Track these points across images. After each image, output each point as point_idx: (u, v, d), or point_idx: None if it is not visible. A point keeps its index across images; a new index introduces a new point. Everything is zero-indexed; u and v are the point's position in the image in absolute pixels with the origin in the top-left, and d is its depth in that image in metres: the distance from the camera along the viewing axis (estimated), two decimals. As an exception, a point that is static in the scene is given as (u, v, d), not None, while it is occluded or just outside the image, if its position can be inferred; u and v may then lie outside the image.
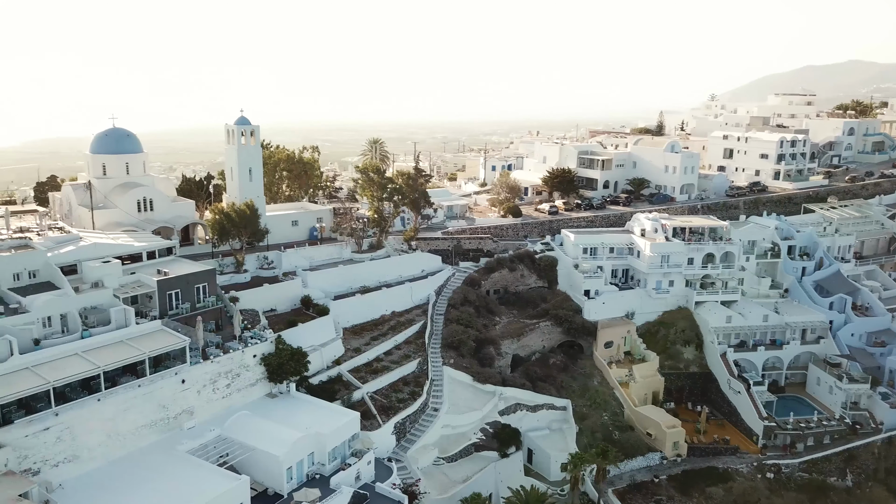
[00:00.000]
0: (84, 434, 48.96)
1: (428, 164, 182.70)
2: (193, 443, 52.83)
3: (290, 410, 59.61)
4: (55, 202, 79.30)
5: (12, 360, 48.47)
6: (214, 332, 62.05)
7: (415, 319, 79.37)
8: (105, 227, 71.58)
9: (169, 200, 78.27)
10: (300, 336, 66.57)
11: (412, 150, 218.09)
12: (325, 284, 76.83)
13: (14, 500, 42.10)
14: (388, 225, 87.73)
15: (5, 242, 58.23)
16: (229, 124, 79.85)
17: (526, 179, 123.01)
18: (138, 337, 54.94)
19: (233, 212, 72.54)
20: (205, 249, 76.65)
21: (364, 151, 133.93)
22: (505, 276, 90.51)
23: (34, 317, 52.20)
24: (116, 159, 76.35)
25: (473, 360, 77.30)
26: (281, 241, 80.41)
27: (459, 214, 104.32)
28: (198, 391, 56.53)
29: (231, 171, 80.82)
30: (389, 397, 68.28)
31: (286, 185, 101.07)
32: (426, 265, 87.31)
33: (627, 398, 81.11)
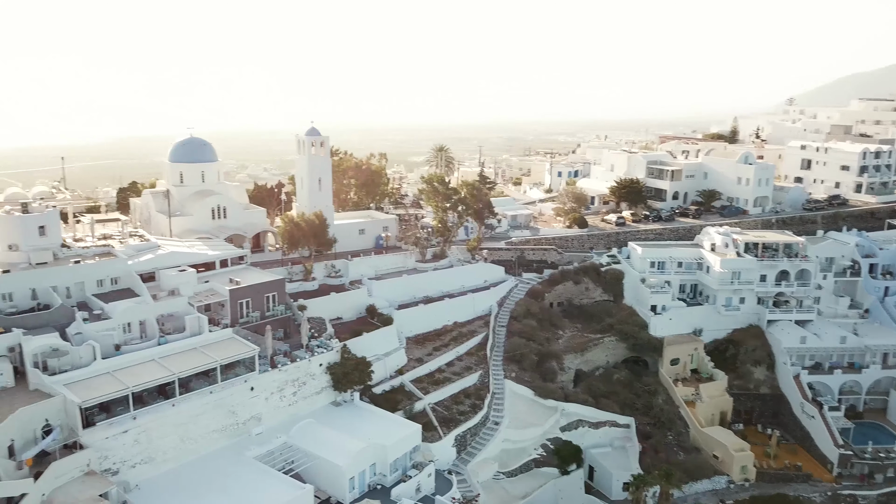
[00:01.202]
0: (159, 437, 51.10)
1: (493, 168, 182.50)
2: (261, 449, 54.51)
3: (354, 420, 60.71)
4: (136, 208, 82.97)
5: (95, 364, 51.06)
6: (282, 339, 63.60)
7: (477, 331, 79.49)
8: (181, 234, 74.49)
9: (241, 208, 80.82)
10: (365, 345, 67.66)
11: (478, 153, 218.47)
12: (389, 293, 77.83)
13: (95, 500, 44.38)
14: (452, 235, 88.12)
15: (90, 250, 61.35)
16: (300, 135, 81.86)
17: (592, 188, 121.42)
18: (211, 344, 57.00)
19: (302, 221, 74.37)
20: (275, 256, 78.82)
21: (429, 158, 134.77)
22: (569, 288, 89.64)
23: (115, 323, 54.81)
24: (193, 168, 79.40)
25: (535, 374, 76.88)
26: (348, 250, 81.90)
27: (523, 224, 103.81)
28: (265, 398, 58.19)
29: (301, 180, 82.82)
30: (450, 409, 68.60)
31: (354, 192, 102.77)
32: (489, 276, 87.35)
33: (693, 418, 79.08)
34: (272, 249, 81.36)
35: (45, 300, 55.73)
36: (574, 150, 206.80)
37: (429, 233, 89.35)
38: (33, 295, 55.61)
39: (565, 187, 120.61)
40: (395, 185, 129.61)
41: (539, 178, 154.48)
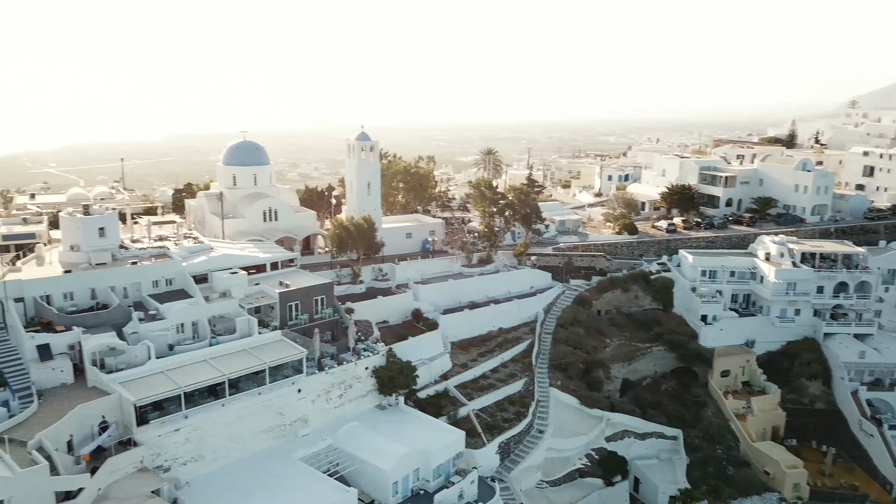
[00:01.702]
0: (209, 436, 52.26)
1: (541, 170, 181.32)
2: (306, 450, 55.38)
3: (398, 424, 61.03)
4: (190, 210, 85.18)
5: (150, 363, 52.57)
6: (330, 342, 64.44)
7: (522, 337, 79.11)
8: (233, 236, 76.16)
9: (292, 211, 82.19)
10: (410, 350, 67.94)
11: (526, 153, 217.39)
12: (435, 298, 78.11)
13: (147, 496, 45.72)
14: (499, 240, 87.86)
15: (146, 251, 63.27)
16: (350, 140, 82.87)
17: (643, 193, 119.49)
18: (260, 346, 58.04)
19: (351, 225, 75.21)
20: (324, 259, 79.93)
21: (477, 161, 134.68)
22: (617, 296, 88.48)
23: (170, 323, 56.32)
24: (245, 171, 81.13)
25: (581, 382, 76.10)
26: (395, 253, 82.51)
27: (572, 230, 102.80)
28: (312, 400, 58.98)
29: (351, 184, 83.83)
30: (495, 416, 68.50)
31: (402, 196, 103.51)
32: (535, 282, 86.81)
33: (744, 432, 77.09)
34: (321, 252, 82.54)
35: (103, 300, 57.67)
36: (625, 153, 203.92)
37: (475, 237, 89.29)
38: (92, 294, 57.58)
39: (615, 192, 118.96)
40: (443, 187, 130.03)
41: (588, 181, 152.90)
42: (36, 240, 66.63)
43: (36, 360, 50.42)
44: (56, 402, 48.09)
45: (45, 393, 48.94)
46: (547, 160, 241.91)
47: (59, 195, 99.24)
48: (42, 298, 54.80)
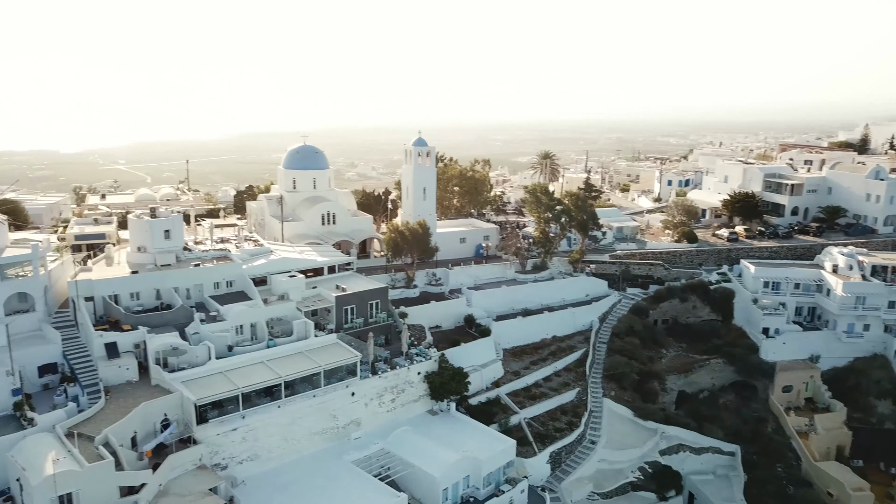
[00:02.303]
0: (265, 436, 53.56)
1: (600, 173, 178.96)
2: (358, 454, 56.09)
3: (449, 430, 61.20)
4: (251, 212, 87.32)
5: (210, 364, 54.19)
6: (383, 346, 65.09)
7: (576, 346, 78.32)
8: (292, 238, 77.75)
9: (349, 215, 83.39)
10: (462, 356, 68.19)
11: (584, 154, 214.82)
12: (488, 304, 78.03)
13: (205, 494, 47.13)
14: (554, 246, 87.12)
15: (209, 253, 65.18)
16: (407, 145, 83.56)
17: (704, 200, 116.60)
18: (316, 349, 59.11)
19: (406, 230, 75.84)
20: (379, 263, 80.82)
21: (534, 164, 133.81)
22: (675, 306, 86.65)
23: (229, 325, 57.92)
24: (305, 175, 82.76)
25: (635, 393, 74.95)
26: (449, 258, 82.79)
27: (629, 237, 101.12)
28: (365, 404, 59.75)
29: (407, 189, 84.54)
30: (546, 425, 68.02)
31: (457, 199, 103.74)
32: (591, 289, 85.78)
33: (806, 450, 74.39)
34: (377, 255, 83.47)
35: (167, 300, 59.74)
36: (686, 156, 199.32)
37: (530, 243, 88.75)
38: (157, 295, 59.70)
39: (675, 198, 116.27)
40: (498, 190, 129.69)
41: (648, 185, 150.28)
42: (106, 240, 69.40)
43: (104, 357, 52.59)
44: (121, 398, 50.09)
45: (112, 389, 50.99)
46: (605, 162, 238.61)
47: (127, 195, 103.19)
48: (110, 298, 57.09)
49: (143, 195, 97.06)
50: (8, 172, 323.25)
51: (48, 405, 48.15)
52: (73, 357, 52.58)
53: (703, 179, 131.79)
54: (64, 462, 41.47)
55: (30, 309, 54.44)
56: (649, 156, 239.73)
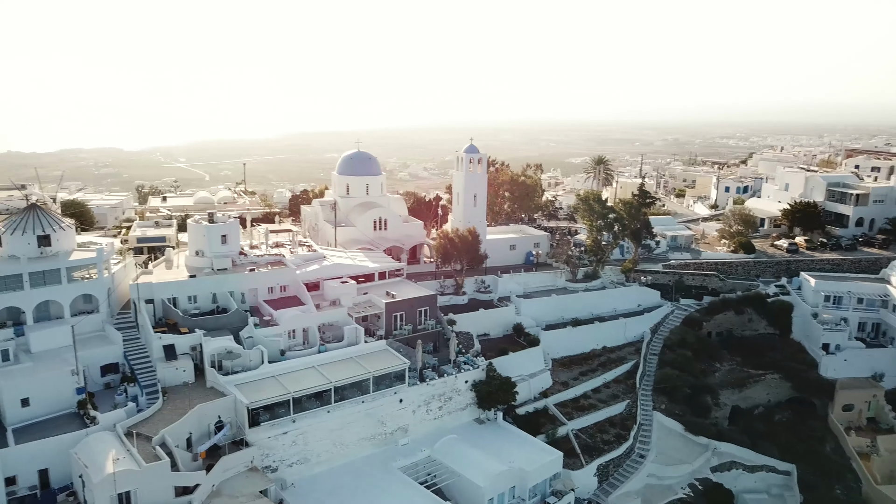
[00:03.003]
0: (314, 441, 54.52)
1: (654, 176, 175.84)
2: (405, 460, 56.61)
3: (496, 440, 61.16)
4: (305, 217, 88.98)
5: (262, 367, 55.49)
6: (431, 353, 65.50)
7: (626, 357, 77.26)
8: (344, 243, 78.91)
9: (400, 220, 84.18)
10: (510, 365, 67.97)
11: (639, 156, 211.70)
12: (537, 312, 77.62)
13: (256, 496, 48.27)
14: (606, 255, 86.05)
15: (264, 258, 66.69)
16: (459, 152, 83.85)
17: (762, 209, 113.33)
18: (365, 355, 59.87)
19: (456, 237, 76.06)
20: (429, 268, 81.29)
21: (587, 169, 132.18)
22: (730, 318, 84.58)
23: (282, 329, 59.21)
24: (358, 181, 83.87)
25: (687, 407, 73.44)
26: (498, 265, 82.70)
27: (684, 246, 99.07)
28: (413, 411, 60.20)
29: (458, 195, 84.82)
30: (594, 437, 67.31)
31: (507, 205, 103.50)
32: (643, 300, 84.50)
33: (867, 473, 71.62)
34: (427, 261, 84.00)
35: (223, 304, 61.37)
36: (745, 161, 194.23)
37: (581, 251, 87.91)
38: (213, 298, 61.40)
39: (732, 207, 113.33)
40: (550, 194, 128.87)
41: (704, 190, 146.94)
42: (166, 243, 71.70)
43: (162, 359, 54.38)
44: (178, 399, 51.71)
45: (169, 390, 52.68)
46: (660, 165, 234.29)
47: (187, 197, 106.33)
48: (169, 301, 59.01)
49: (201, 198, 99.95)
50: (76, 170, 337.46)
51: (109, 404, 50.05)
52: (133, 358, 54.59)
53: (763, 187, 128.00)
54: (123, 461, 43.02)
55: (94, 310, 56.73)
56: (706, 160, 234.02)
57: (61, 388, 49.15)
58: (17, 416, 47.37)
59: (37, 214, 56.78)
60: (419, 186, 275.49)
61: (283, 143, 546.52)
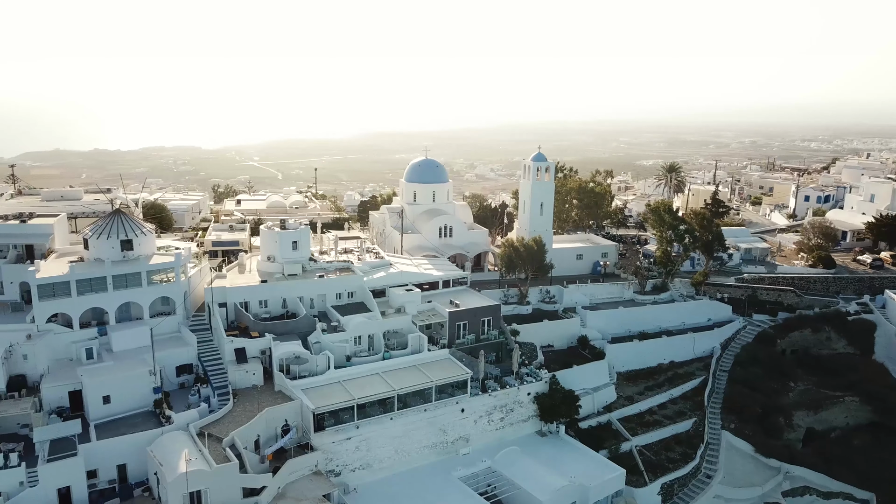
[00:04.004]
0: (377, 447, 55.38)
1: (729, 182, 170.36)
2: (466, 470, 56.90)
3: (557, 453, 60.69)
4: (373, 223, 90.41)
5: (328, 373, 56.75)
6: (494, 363, 65.45)
7: (694, 373, 75.30)
8: (410, 250, 79.76)
9: (466, 228, 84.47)
10: (574, 378, 67.28)
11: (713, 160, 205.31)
12: (602, 325, 76.53)
13: (319, 500, 49.41)
14: (676, 267, 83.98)
15: (332, 264, 68.13)
16: (526, 160, 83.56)
17: (844, 221, 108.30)
18: (428, 363, 60.41)
19: (521, 246, 75.72)
20: (493, 277, 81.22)
21: (659, 176, 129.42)
22: (806, 336, 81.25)
23: (349, 335, 60.39)
24: (425, 188, 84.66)
25: (758, 427, 71.13)
26: (564, 274, 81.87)
27: (758, 259, 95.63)
28: (474, 421, 60.37)
29: (524, 203, 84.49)
30: (659, 455, 65.90)
31: (575, 212, 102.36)
32: (713, 314, 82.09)
33: (953, 505, 67.78)
34: (491, 269, 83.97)
35: (292, 309, 63.04)
36: (827, 167, 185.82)
37: (650, 262, 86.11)
38: (283, 304, 63.15)
39: (812, 218, 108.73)
40: (620, 201, 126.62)
41: (782, 198, 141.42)
42: (239, 247, 74.12)
43: (233, 361, 56.26)
44: (247, 402, 53.44)
45: (239, 393, 54.48)
46: (736, 170, 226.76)
47: (260, 199, 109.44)
48: (241, 305, 61.06)
49: (274, 202, 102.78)
50: (157, 167, 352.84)
51: (183, 404, 52.17)
52: (206, 359, 56.73)
53: (846, 197, 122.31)
54: (195, 461, 44.81)
55: (171, 312, 59.21)
56: (785, 165, 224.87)
57: (140, 386, 51.53)
58: (99, 413, 49.93)
59: (121, 220, 59.70)
60: (485, 188, 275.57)
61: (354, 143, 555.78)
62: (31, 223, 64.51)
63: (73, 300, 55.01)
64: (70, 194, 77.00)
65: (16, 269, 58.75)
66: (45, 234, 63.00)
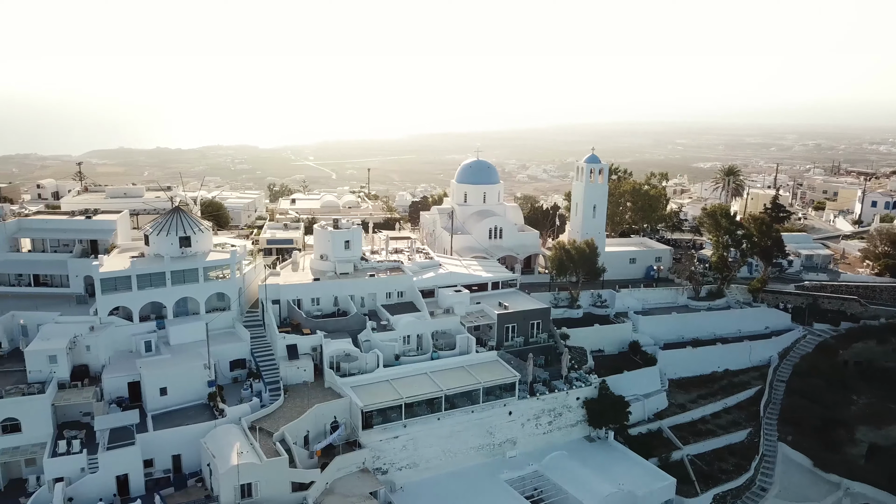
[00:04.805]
0: (424, 446, 55.70)
1: (791, 186, 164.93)
2: (512, 473, 56.74)
3: (605, 459, 59.89)
4: (424, 223, 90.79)
5: (377, 371, 57.33)
6: (542, 367, 64.93)
7: (750, 382, 73.24)
8: (460, 251, 79.80)
9: (516, 230, 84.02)
10: (624, 383, 66.33)
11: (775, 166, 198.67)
12: (655, 330, 75.13)
13: (366, 497, 49.88)
14: (733, 273, 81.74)
15: (383, 264, 68.73)
16: (579, 162, 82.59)
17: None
18: (476, 365, 60.40)
19: (573, 249, 74.90)
20: (543, 279, 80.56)
21: (716, 179, 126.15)
22: (871, 347, 77.96)
23: (398, 335, 60.85)
24: (476, 189, 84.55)
25: (816, 441, 68.48)
26: (616, 278, 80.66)
27: (820, 266, 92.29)
28: (522, 424, 60.10)
29: (576, 206, 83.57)
30: (711, 465, 64.32)
31: (628, 215, 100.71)
32: (771, 322, 79.66)
33: None
34: (542, 271, 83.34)
35: (343, 307, 63.87)
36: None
37: (706, 267, 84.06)
38: (335, 301, 64.04)
39: (879, 224, 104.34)
40: (675, 204, 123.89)
41: (847, 203, 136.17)
42: (293, 245, 75.44)
43: (285, 357, 57.38)
44: (297, 397, 54.35)
45: (290, 388, 55.44)
46: (798, 173, 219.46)
47: (314, 198, 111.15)
48: (294, 302, 62.12)
49: (328, 202, 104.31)
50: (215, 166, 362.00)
51: (236, 398, 53.37)
52: (259, 355, 57.94)
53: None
54: (247, 455, 45.78)
55: (226, 308, 60.69)
56: (851, 169, 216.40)
57: (195, 379, 52.98)
58: (156, 404, 51.51)
59: (180, 217, 61.49)
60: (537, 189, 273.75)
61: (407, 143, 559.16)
62: (96, 219, 67.16)
63: (134, 294, 56.96)
64: (133, 191, 79.81)
65: (81, 264, 61.27)
66: (108, 229, 65.51)
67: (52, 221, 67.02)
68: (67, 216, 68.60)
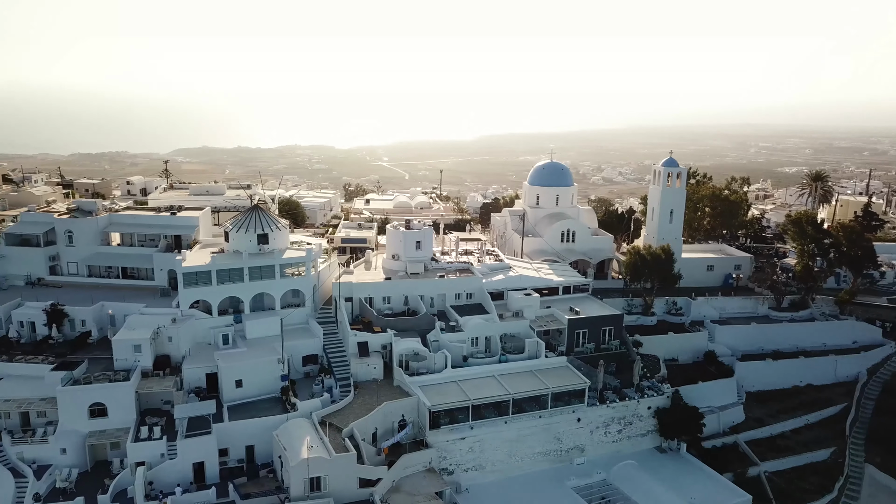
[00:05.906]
0: (490, 449, 55.53)
1: (884, 196, 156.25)
2: (579, 480, 55.87)
3: (677, 472, 58.21)
4: (495, 225, 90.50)
5: (445, 372, 57.49)
6: (613, 374, 63.62)
7: (835, 399, 69.83)
8: (531, 254, 79.17)
9: (589, 233, 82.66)
10: (698, 394, 64.43)
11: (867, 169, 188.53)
12: (732, 340, 72.76)
13: (431, 497, 50.08)
14: (819, 283, 77.95)
15: (453, 265, 68.90)
16: (657, 165, 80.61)
17: None
18: (545, 370, 59.72)
19: (648, 254, 73.14)
20: (616, 285, 79.07)
21: (802, 185, 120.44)
22: (971, 367, 72.98)
23: (466, 336, 60.85)
24: (548, 191, 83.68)
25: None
26: (693, 286, 78.36)
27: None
28: (590, 431, 59.13)
29: (653, 210, 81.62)
30: (791, 483, 61.70)
31: (707, 221, 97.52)
32: (859, 336, 75.70)
33: None
34: (615, 277, 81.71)
35: (413, 306, 64.34)
36: None
37: (789, 277, 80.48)
38: (405, 301, 64.58)
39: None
40: (757, 210, 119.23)
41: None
42: (367, 244, 76.56)
43: (356, 355, 58.28)
44: (367, 395, 55.13)
45: (359, 385, 56.26)
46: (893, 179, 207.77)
47: (387, 199, 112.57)
48: (366, 300, 63.02)
49: (400, 202, 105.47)
50: (293, 165, 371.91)
51: (307, 393, 54.53)
52: (330, 351, 59.06)
53: None
54: (316, 449, 46.73)
55: (300, 304, 62.12)
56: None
57: (269, 373, 54.42)
58: (232, 395, 53.21)
59: (258, 215, 63.38)
60: (612, 192, 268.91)
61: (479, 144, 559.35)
62: (180, 215, 69.96)
63: (214, 289, 59.05)
64: (214, 189, 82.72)
65: (165, 258, 63.99)
66: (191, 225, 68.17)
67: (140, 217, 70.25)
68: (154, 212, 71.82)
